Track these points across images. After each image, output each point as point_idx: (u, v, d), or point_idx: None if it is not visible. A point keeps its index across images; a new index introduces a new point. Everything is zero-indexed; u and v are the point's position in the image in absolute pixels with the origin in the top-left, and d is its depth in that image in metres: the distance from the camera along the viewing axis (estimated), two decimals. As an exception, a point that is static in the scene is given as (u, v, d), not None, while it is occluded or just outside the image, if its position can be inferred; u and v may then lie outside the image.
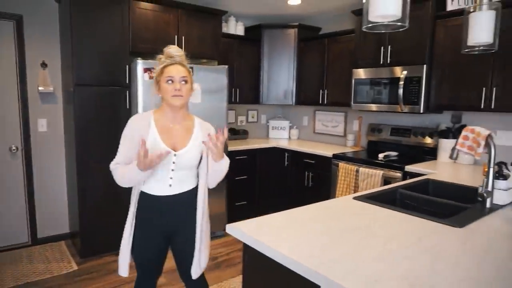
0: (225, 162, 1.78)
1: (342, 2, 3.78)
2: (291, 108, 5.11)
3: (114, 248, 3.15)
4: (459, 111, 3.20)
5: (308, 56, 4.34)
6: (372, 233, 1.46)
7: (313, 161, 3.95)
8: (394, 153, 3.54)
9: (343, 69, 3.86)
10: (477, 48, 1.58)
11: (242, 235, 1.44)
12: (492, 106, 2.76)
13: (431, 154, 3.41)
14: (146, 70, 3.18)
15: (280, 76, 4.50)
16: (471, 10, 1.58)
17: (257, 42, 4.47)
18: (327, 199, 2.02)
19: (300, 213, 1.69)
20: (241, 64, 4.27)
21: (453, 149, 2.01)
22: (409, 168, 3.02)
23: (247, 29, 4.53)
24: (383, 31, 1.12)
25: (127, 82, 3.28)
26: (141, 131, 1.71)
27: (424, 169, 2.90)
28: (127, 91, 3.29)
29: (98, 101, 3.17)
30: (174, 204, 1.79)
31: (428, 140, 3.44)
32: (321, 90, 4.21)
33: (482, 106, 2.80)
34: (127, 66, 3.26)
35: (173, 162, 1.73)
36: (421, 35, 3.11)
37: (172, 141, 1.74)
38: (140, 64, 3.15)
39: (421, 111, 3.15)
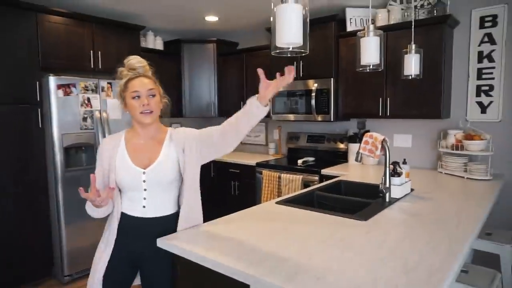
0: (265, 111, 1.52)
1: (256, 19, 4.03)
2: (214, 120, 5.22)
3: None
4: (363, 119, 3.63)
5: (228, 69, 4.52)
6: (292, 232, 1.62)
7: (238, 171, 4.10)
8: (311, 159, 3.86)
9: (262, 82, 4.09)
10: (368, 67, 1.87)
11: (173, 247, 1.49)
12: (388, 114, 3.19)
13: (343, 157, 3.79)
14: (60, 86, 3.03)
15: (202, 89, 4.60)
16: (361, 35, 1.88)
17: (177, 57, 4.51)
18: (254, 205, 2.15)
19: (227, 221, 1.79)
20: (161, 78, 4.24)
21: (357, 152, 2.31)
22: (324, 171, 3.33)
23: (166, 44, 4.55)
24: (289, 55, 1.30)
25: (38, 99, 3.08)
26: (110, 151, 1.60)
27: (337, 172, 3.22)
28: (39, 109, 3.09)
29: (2, 120, 2.91)
30: (148, 229, 1.60)
31: (340, 145, 3.82)
32: (241, 102, 4.39)
33: (380, 114, 3.23)
34: (37, 82, 3.06)
35: (144, 181, 1.57)
36: (327, 51, 3.48)
37: (141, 158, 1.59)
38: (53, 80, 3.00)
39: (332, 120, 3.50)
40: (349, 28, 3.37)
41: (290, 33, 1.13)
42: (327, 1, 3.28)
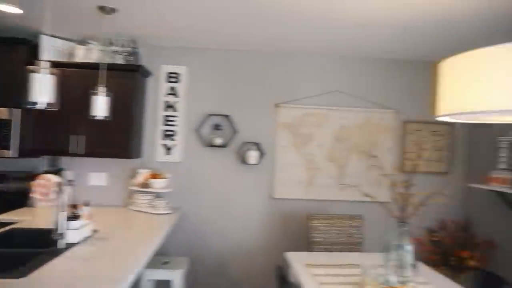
0: None
1: None
2: None
3: None
4: (55, 156, 3.34)
5: None
6: None
7: None
8: (-14, 202, 3.15)
9: None
10: (37, 105, 1.72)
11: None
12: (82, 152, 3.09)
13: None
14: None
15: None
16: (33, 70, 1.73)
17: None
18: None
19: None
20: None
21: (30, 197, 2.06)
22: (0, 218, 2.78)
23: None
24: None
25: None
26: None
27: (17, 217, 2.76)
28: None
29: None
30: None
31: (28, 185, 3.33)
32: None
33: (73, 152, 3.07)
34: None
35: None
36: (14, 79, 3.03)
37: None
38: None
39: (15, 155, 3.02)
40: (45, 57, 3.09)
41: None
42: (20, 20, 2.88)
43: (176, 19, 2.69)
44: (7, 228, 2.42)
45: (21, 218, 2.74)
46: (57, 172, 3.35)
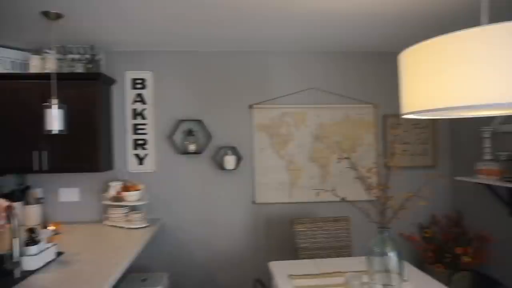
0: None
1: None
2: None
3: None
4: (18, 174, 3.15)
5: None
6: None
7: None
8: None
9: None
10: None
11: None
12: (46, 168, 2.91)
13: (-3, 220, 3.12)
14: None
15: None
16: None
17: None
18: None
19: None
20: None
21: (-21, 224, 1.89)
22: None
23: None
24: None
25: None
26: None
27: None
28: None
29: None
30: None
31: (-7, 205, 3.14)
32: None
33: (35, 169, 2.89)
34: None
35: None
36: (-33, 94, 2.84)
37: None
38: None
39: (-26, 177, 2.83)
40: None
41: None
42: None
43: (131, 22, 2.53)
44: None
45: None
46: (24, 190, 3.16)
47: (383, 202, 1.65)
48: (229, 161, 3.23)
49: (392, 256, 1.72)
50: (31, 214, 2.99)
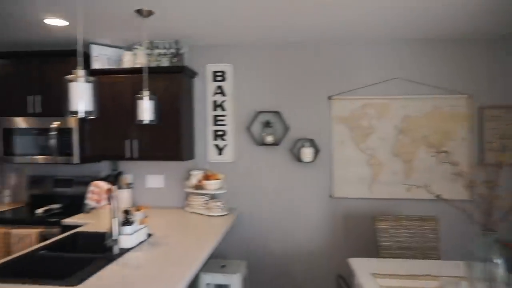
0: None
1: None
2: None
3: None
4: (113, 160, 3.45)
5: None
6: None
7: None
8: (56, 206, 3.35)
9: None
10: (77, 114, 1.71)
11: None
12: (136, 156, 3.14)
13: (94, 202, 3.46)
14: None
15: None
16: (71, 79, 1.73)
17: None
18: None
19: None
20: None
21: (84, 203, 2.10)
22: (67, 221, 2.92)
23: None
24: None
25: None
26: None
27: (82, 220, 2.89)
28: None
29: None
30: None
31: (92, 188, 3.49)
32: None
33: (127, 156, 3.13)
34: None
35: None
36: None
37: None
38: None
39: (77, 162, 3.16)
40: (95, 65, 3.19)
41: None
42: (64, 34, 3.00)
43: (215, 18, 2.59)
44: (72, 232, 2.52)
45: (85, 221, 2.86)
46: (117, 176, 3.46)
47: (490, 201, 1.48)
48: (307, 153, 3.18)
49: (499, 263, 1.53)
50: (122, 197, 3.27)
